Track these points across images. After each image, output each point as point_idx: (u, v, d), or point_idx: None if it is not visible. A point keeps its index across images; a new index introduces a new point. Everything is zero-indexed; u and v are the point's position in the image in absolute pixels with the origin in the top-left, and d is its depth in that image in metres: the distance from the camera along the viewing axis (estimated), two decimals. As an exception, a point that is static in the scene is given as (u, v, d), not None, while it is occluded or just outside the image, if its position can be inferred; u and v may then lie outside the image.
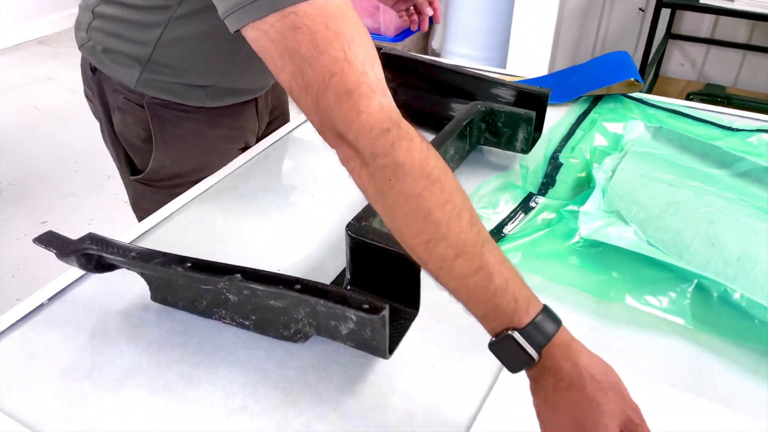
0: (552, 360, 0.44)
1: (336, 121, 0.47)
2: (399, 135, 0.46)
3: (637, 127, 0.92)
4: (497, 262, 0.45)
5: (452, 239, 0.45)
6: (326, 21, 0.46)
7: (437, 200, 0.45)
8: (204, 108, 0.83)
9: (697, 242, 0.67)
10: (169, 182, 0.85)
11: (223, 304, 0.58)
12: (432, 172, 0.46)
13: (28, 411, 0.52)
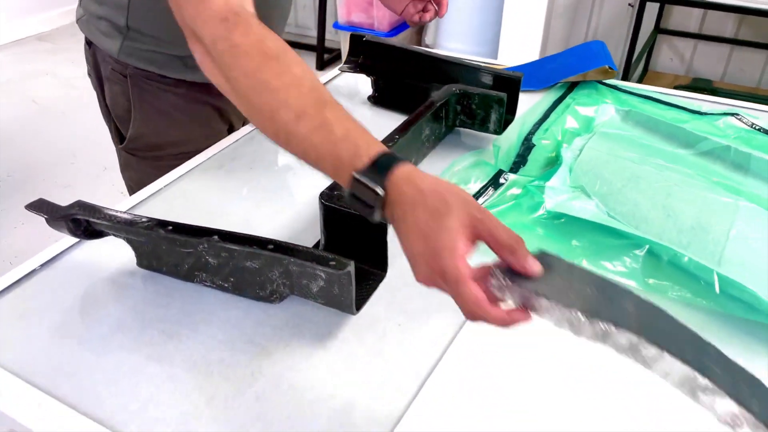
0: (397, 191, 0.45)
1: (187, 18, 0.53)
2: (236, 21, 0.52)
3: (608, 110, 0.96)
4: (337, 118, 0.48)
5: (293, 103, 0.49)
6: None
7: (274, 72, 0.50)
8: (185, 82, 0.86)
9: (654, 213, 0.71)
10: (151, 153, 0.89)
11: (204, 268, 0.62)
12: (268, 50, 0.51)
13: (21, 364, 0.56)
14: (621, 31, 2.75)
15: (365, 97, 1.06)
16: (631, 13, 2.68)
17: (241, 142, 0.93)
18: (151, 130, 0.89)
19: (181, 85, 0.87)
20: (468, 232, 0.44)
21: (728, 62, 2.64)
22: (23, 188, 2.20)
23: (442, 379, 0.53)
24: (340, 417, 0.51)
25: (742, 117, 0.96)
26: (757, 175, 0.81)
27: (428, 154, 0.88)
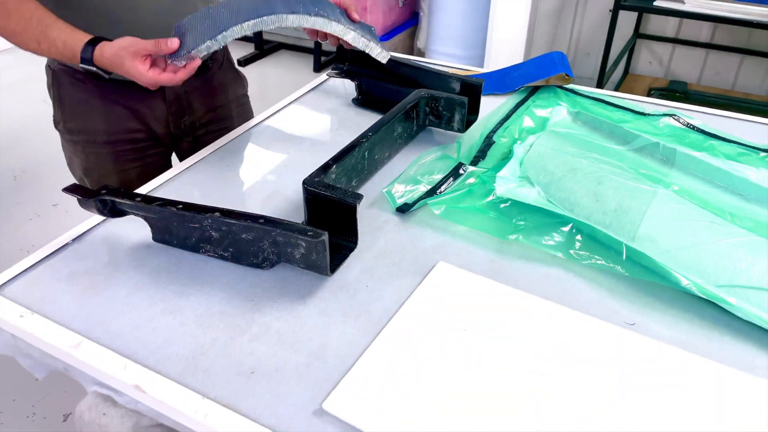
0: (99, 62, 0.84)
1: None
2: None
3: (561, 111, 1.10)
4: (57, 34, 0.83)
5: (30, 36, 0.84)
6: None
7: (15, 21, 0.84)
8: (91, 77, 0.99)
9: (585, 199, 0.84)
10: (78, 137, 1.05)
11: (208, 240, 0.75)
12: (12, 9, 0.83)
13: (62, 315, 0.69)
14: (603, 36, 2.88)
15: (350, 99, 1.19)
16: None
17: (240, 139, 1.06)
18: (70, 118, 1.05)
19: (90, 81, 1.01)
20: (139, 58, 0.82)
21: (704, 65, 2.77)
22: (36, 184, 2.34)
23: (398, 327, 0.67)
24: (316, 353, 0.64)
25: (678, 117, 1.10)
26: (681, 167, 0.95)
27: (402, 149, 1.01)
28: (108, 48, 0.83)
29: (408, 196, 0.88)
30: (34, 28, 0.84)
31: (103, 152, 1.07)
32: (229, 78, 1.17)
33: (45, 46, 0.85)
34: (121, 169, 1.09)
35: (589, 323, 0.68)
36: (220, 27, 0.83)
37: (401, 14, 3.28)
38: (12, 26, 0.85)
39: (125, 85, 0.89)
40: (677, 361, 0.63)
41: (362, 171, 0.91)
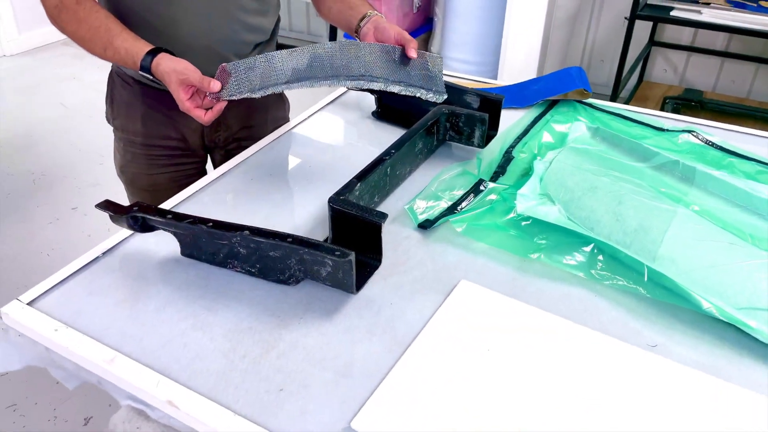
0: (155, 71, 0.90)
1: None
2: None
3: (580, 127, 1.10)
4: (121, 43, 0.91)
5: (98, 43, 0.92)
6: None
7: (86, 28, 0.93)
8: (139, 82, 1.07)
9: (605, 218, 0.85)
10: (122, 135, 1.13)
11: (235, 256, 0.77)
12: (84, 17, 0.92)
13: (94, 328, 0.71)
14: (617, 44, 2.88)
15: (370, 112, 1.21)
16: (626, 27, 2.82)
17: (263, 152, 1.08)
18: (117, 118, 1.13)
19: (137, 84, 1.09)
20: (183, 87, 0.89)
21: (719, 74, 2.77)
22: (55, 187, 2.37)
23: (423, 346, 0.68)
24: (343, 370, 0.66)
25: (697, 134, 1.10)
26: (700, 186, 0.95)
27: (422, 164, 1.03)
28: (164, 63, 0.89)
29: (429, 213, 0.90)
30: (102, 36, 0.92)
31: (139, 153, 1.13)
32: (271, 100, 1.20)
33: (110, 52, 0.92)
34: (152, 172, 1.15)
35: (612, 345, 0.69)
36: (260, 83, 0.89)
37: (415, 20, 3.29)
38: (82, 33, 0.92)
39: (168, 95, 0.93)
40: (699, 385, 0.64)
41: (384, 187, 0.92)
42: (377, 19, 1.00)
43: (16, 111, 2.98)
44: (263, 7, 1.07)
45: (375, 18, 1.00)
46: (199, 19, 1.00)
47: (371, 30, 1.00)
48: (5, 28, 3.56)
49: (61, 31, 0.95)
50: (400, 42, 0.95)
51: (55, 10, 0.93)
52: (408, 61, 0.93)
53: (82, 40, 0.94)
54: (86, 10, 0.92)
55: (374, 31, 0.99)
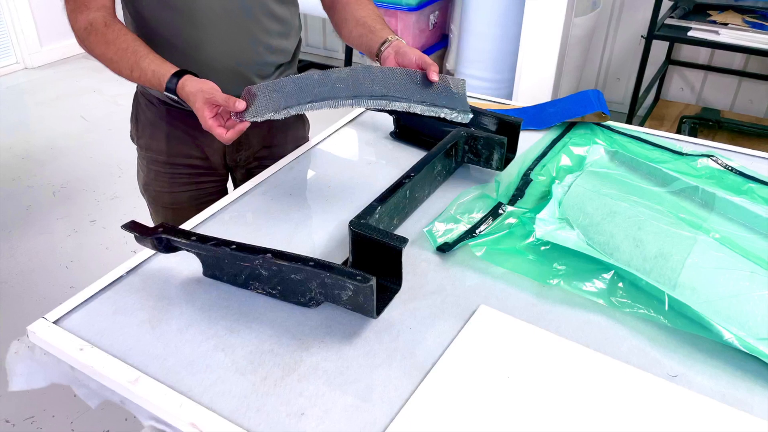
0: (180, 93, 0.92)
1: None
2: (107, 22, 0.96)
3: (598, 150, 1.11)
4: (148, 64, 0.93)
5: (124, 65, 0.94)
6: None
7: (113, 50, 0.94)
8: (163, 102, 1.09)
9: (625, 243, 0.86)
10: (146, 153, 1.15)
11: (257, 278, 0.78)
12: (112, 39, 0.94)
13: (117, 348, 0.72)
14: (634, 62, 2.88)
15: (388, 132, 1.22)
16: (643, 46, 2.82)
17: (282, 172, 1.10)
18: (142, 136, 1.16)
19: (162, 105, 1.11)
20: (208, 105, 0.90)
21: (737, 93, 2.75)
22: (75, 199, 2.41)
23: (443, 373, 0.69)
24: (363, 395, 0.66)
25: (717, 158, 1.10)
26: (720, 212, 0.95)
27: (440, 186, 1.04)
28: (189, 84, 0.91)
29: (448, 236, 0.90)
30: (129, 58, 0.94)
31: (161, 171, 1.16)
32: (292, 120, 1.22)
33: (136, 73, 0.94)
34: (174, 190, 1.17)
35: (632, 374, 0.69)
36: (284, 103, 0.89)
37: (431, 36, 3.32)
38: (110, 54, 0.94)
39: (191, 115, 0.95)
40: (719, 416, 0.64)
41: (404, 209, 0.93)
42: (398, 44, 1.01)
43: (37, 124, 3.03)
44: (286, 29, 1.09)
45: (396, 43, 1.02)
46: (223, 42, 1.02)
47: (392, 54, 1.01)
48: (27, 42, 3.64)
49: (89, 52, 0.97)
50: (421, 66, 0.96)
51: (84, 32, 0.95)
52: (430, 84, 0.94)
53: (110, 62, 0.96)
54: (115, 32, 0.95)
55: (395, 55, 1.00)
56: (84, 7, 0.96)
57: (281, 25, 1.08)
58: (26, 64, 3.68)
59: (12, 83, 3.48)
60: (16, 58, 3.67)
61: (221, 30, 1.01)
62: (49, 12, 3.62)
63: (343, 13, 1.11)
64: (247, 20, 1.03)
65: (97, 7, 0.96)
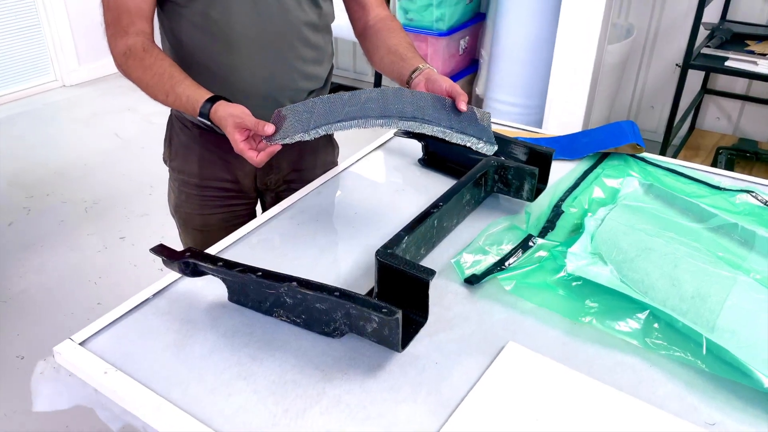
0: (212, 117, 0.92)
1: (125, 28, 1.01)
2: (145, 48, 0.98)
3: (632, 182, 1.08)
4: (183, 90, 0.94)
5: (160, 90, 0.95)
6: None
7: (150, 75, 0.95)
8: (197, 126, 1.11)
9: (660, 282, 0.83)
10: (178, 176, 1.17)
11: (282, 305, 0.77)
12: (149, 64, 0.95)
13: (141, 373, 0.72)
14: (668, 90, 2.84)
15: (416, 159, 1.21)
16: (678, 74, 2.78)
17: (310, 196, 1.09)
18: (174, 158, 1.17)
19: (195, 129, 1.12)
20: (238, 129, 0.91)
21: (775, 124, 2.69)
22: (106, 216, 2.45)
23: (469, 412, 0.67)
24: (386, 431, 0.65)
25: (756, 194, 1.06)
26: (760, 252, 0.92)
27: (468, 215, 1.02)
28: (221, 109, 0.91)
29: (476, 267, 0.88)
30: (165, 83, 0.95)
31: (193, 194, 1.17)
32: (321, 144, 1.23)
33: (171, 98, 0.95)
34: (205, 212, 1.18)
35: (667, 421, 0.66)
36: (313, 122, 0.89)
37: (461, 61, 3.33)
38: (147, 79, 0.96)
39: (223, 138, 0.96)
40: (763, 471, 0.60)
41: (431, 239, 0.92)
42: (429, 72, 1.01)
43: (73, 140, 3.11)
44: (319, 56, 1.10)
45: (427, 71, 1.01)
46: (258, 68, 1.03)
47: (423, 81, 1.01)
48: (66, 60, 3.75)
49: (127, 76, 0.99)
50: (451, 94, 0.96)
51: (122, 57, 0.97)
52: (458, 113, 0.93)
53: (147, 86, 0.97)
54: (152, 57, 0.96)
55: (426, 82, 1.00)
56: (123, 33, 0.98)
57: (315, 52, 1.09)
58: (64, 82, 3.78)
59: (50, 100, 3.59)
60: (55, 76, 3.78)
61: (256, 56, 1.02)
62: (87, 31, 3.73)
63: (374, 40, 1.12)
64: (283, 47, 1.04)
65: (136, 33, 0.98)
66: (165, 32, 1.07)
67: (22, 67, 3.65)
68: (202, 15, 0.99)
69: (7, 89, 3.58)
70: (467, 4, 3.16)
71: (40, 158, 2.90)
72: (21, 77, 3.65)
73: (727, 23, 2.55)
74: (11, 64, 3.58)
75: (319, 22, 1.08)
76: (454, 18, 3.08)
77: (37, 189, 2.64)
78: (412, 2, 3.04)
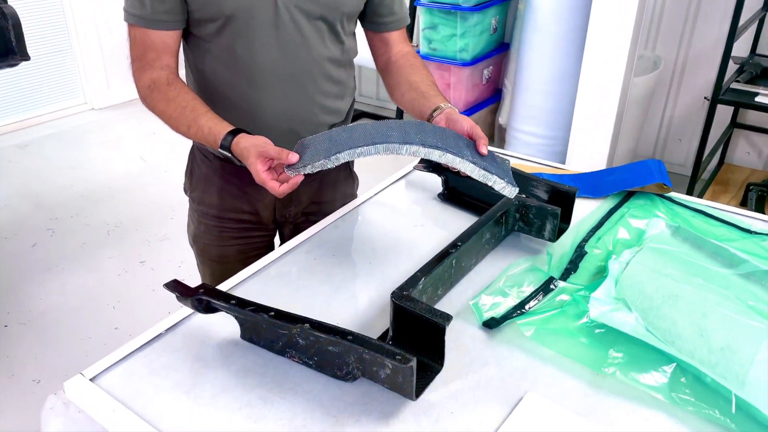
0: (233, 150, 0.92)
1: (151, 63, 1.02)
2: (168, 81, 1.00)
3: (659, 224, 1.05)
4: (205, 122, 0.94)
5: (182, 122, 0.96)
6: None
7: (173, 107, 0.97)
8: (218, 158, 1.10)
9: (688, 331, 0.79)
10: (197, 206, 1.17)
11: (294, 346, 0.76)
12: (172, 96, 0.97)
13: (150, 413, 0.71)
14: (696, 123, 2.80)
15: (436, 193, 1.20)
16: (706, 107, 2.73)
17: (327, 230, 1.08)
18: (195, 189, 1.17)
19: (216, 160, 1.12)
20: (261, 159, 0.89)
21: (807, 160, 2.62)
22: (127, 239, 2.47)
23: (484, 465, 0.64)
24: (396, 487, 0.62)
25: (790, 239, 1.03)
26: (794, 300, 0.88)
27: (488, 255, 1.00)
28: (243, 140, 0.91)
29: (495, 311, 0.86)
30: (188, 116, 0.96)
31: (211, 225, 1.17)
32: (341, 177, 1.23)
33: (193, 130, 0.96)
34: (223, 244, 1.18)
35: (695, 484, 0.62)
36: (335, 149, 0.86)
37: (485, 90, 3.32)
38: (170, 111, 0.97)
39: (244, 170, 0.96)
40: None
41: (449, 279, 0.89)
42: (450, 111, 1.00)
43: (99, 163, 3.16)
44: (341, 91, 1.10)
45: (448, 111, 1.00)
46: (281, 102, 1.03)
47: (443, 120, 1.00)
48: (96, 83, 3.84)
49: (151, 109, 1.00)
50: (471, 137, 0.94)
51: (147, 90, 0.98)
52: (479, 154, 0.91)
53: (170, 118, 0.98)
54: (176, 90, 0.97)
55: (446, 122, 0.99)
56: (149, 66, 0.99)
57: (337, 87, 1.09)
58: (93, 105, 3.87)
59: (78, 123, 3.66)
60: (84, 99, 3.87)
61: (279, 91, 1.03)
62: (117, 55, 3.82)
63: (396, 76, 1.12)
64: (305, 82, 1.04)
65: (161, 66, 0.99)
66: (189, 65, 1.08)
67: (53, 90, 3.74)
68: (226, 50, 1.00)
69: (37, 111, 3.67)
70: (491, 34, 3.17)
71: (66, 180, 2.95)
72: (51, 100, 3.74)
73: (757, 57, 2.51)
74: (42, 87, 3.67)
75: (342, 58, 1.08)
76: (477, 48, 3.08)
77: (61, 211, 2.68)
78: (435, 32, 3.06)
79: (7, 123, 3.54)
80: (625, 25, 2.30)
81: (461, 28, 2.96)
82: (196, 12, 0.98)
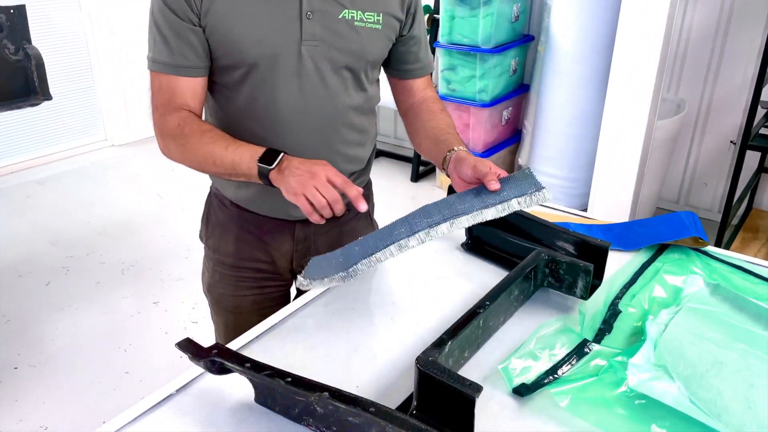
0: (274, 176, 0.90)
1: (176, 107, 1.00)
2: (187, 121, 0.97)
3: (697, 281, 0.99)
4: (231, 154, 0.92)
5: (208, 158, 0.93)
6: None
7: (198, 146, 0.94)
8: (235, 205, 1.07)
9: (735, 403, 0.73)
10: (213, 254, 1.13)
11: (312, 414, 0.71)
12: (199, 136, 0.94)
13: (154, 485, 0.66)
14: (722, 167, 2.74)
15: (459, 243, 1.15)
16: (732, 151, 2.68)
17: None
18: (210, 237, 1.14)
19: (233, 207, 1.09)
20: (333, 171, 0.89)
21: (838, 206, 2.54)
22: (141, 278, 2.44)
23: None
24: None
25: (838, 299, 0.96)
26: None
27: (516, 312, 0.95)
28: (298, 158, 0.91)
29: (526, 376, 0.80)
30: (227, 138, 0.94)
31: (227, 274, 1.13)
32: (361, 226, 1.19)
33: (232, 148, 0.93)
34: (238, 294, 1.14)
35: None
36: (351, 261, 0.88)
37: (504, 131, 3.30)
38: (206, 139, 0.94)
39: (262, 219, 0.93)
40: None
41: (476, 340, 0.84)
42: (459, 153, 0.98)
43: (117, 200, 3.17)
44: (363, 138, 1.08)
45: (458, 153, 0.98)
46: (303, 150, 1.00)
47: (452, 163, 0.98)
48: (116, 119, 3.89)
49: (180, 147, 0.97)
50: (476, 173, 0.91)
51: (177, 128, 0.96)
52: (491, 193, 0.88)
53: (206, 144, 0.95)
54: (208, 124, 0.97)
55: (454, 163, 0.96)
56: (175, 110, 0.97)
57: (359, 135, 1.07)
58: (113, 142, 3.91)
59: (97, 159, 3.70)
60: (105, 135, 3.92)
61: (301, 139, 1.01)
62: (138, 92, 3.87)
63: (415, 123, 1.10)
64: (328, 131, 1.02)
65: (189, 110, 0.98)
66: (210, 115, 1.06)
67: (74, 127, 3.79)
68: (249, 98, 0.98)
69: (58, 147, 3.72)
70: (510, 75, 3.16)
71: (82, 217, 2.95)
72: (72, 136, 3.79)
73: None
74: (63, 124, 3.73)
75: (365, 105, 1.06)
76: (497, 89, 3.07)
77: (77, 248, 2.67)
78: (454, 73, 3.06)
79: (28, 158, 3.58)
80: (649, 68, 2.28)
81: (480, 69, 2.96)
82: (221, 59, 0.96)
